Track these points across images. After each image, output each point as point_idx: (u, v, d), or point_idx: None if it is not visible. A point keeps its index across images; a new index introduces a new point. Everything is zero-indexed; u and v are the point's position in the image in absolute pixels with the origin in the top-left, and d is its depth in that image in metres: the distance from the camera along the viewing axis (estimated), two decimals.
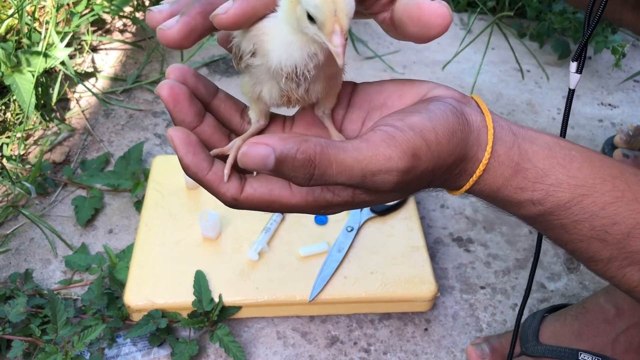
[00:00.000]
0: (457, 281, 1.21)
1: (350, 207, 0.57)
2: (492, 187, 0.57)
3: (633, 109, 1.64)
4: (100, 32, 1.76)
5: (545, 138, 0.59)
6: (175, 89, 0.53)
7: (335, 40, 0.44)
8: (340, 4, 0.43)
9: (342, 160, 0.49)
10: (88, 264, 1.18)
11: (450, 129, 0.53)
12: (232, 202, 0.54)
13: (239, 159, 0.49)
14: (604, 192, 0.57)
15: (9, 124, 1.43)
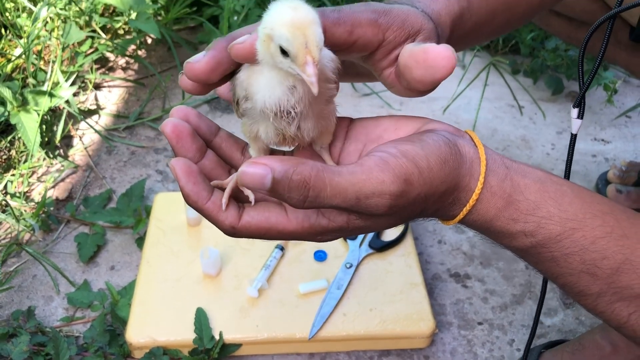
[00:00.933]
0: (455, 317, 1.22)
1: (345, 233, 0.58)
2: (485, 217, 0.59)
3: (626, 144, 1.68)
4: (103, 69, 1.80)
5: (537, 173, 0.61)
6: (178, 126, 0.56)
7: (308, 70, 0.46)
8: (311, 37, 0.46)
9: (337, 183, 0.51)
10: (90, 301, 1.19)
11: (442, 158, 0.55)
12: (230, 230, 0.56)
13: (239, 178, 0.51)
14: (594, 227, 0.59)
15: (13, 162, 1.46)
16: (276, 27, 0.47)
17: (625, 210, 0.62)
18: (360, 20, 0.56)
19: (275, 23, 0.47)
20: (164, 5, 1.89)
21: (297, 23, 0.46)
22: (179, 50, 1.86)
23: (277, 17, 0.47)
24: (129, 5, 1.66)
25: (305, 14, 0.47)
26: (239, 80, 0.54)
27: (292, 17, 0.46)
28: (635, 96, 1.82)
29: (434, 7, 0.67)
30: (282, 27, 0.47)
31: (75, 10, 1.72)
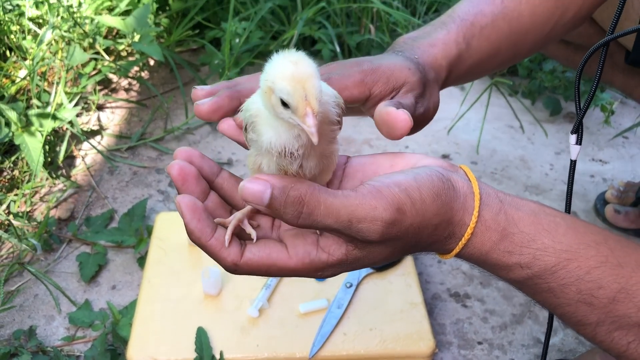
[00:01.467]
0: (455, 337, 1.22)
1: (344, 266, 0.59)
2: (481, 250, 0.60)
3: (623, 164, 1.69)
4: (106, 91, 1.83)
5: (531, 205, 0.62)
6: (184, 168, 0.59)
7: (309, 121, 0.49)
8: (310, 90, 0.49)
9: (331, 203, 0.53)
10: (91, 321, 1.20)
11: (434, 191, 0.57)
12: (232, 267, 0.57)
13: (240, 192, 0.53)
14: (589, 257, 0.60)
15: (16, 181, 1.47)
16: (277, 81, 0.49)
17: (619, 240, 0.63)
18: (347, 84, 0.66)
19: (276, 77, 0.49)
20: (167, 28, 1.93)
21: (297, 77, 0.49)
22: (181, 71, 1.88)
23: (278, 71, 0.50)
24: (132, 27, 1.69)
25: (305, 68, 0.49)
26: (249, 113, 0.57)
27: (292, 72, 0.49)
28: (632, 117, 1.84)
29: (431, 52, 0.76)
30: (283, 80, 0.49)
31: (79, 33, 1.75)
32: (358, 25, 2.06)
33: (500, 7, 0.83)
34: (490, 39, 0.82)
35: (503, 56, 0.86)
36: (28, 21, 1.73)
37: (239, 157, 1.64)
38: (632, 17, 1.11)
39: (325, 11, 1.96)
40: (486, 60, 0.83)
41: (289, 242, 0.58)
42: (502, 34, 0.83)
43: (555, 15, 0.87)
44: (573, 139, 0.79)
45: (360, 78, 0.67)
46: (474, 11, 0.81)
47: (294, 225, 0.55)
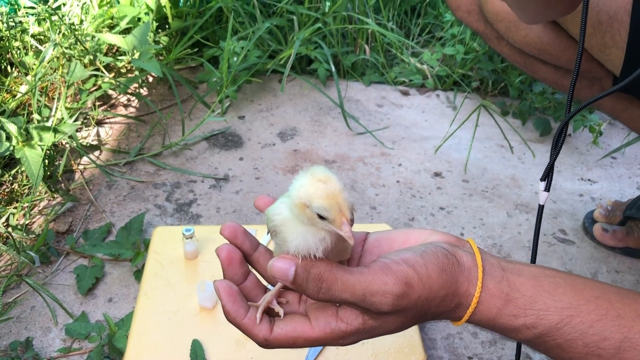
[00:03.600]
0: (446, 352, 1.25)
1: (362, 335, 0.65)
2: (488, 316, 0.66)
3: (611, 184, 1.73)
4: (105, 106, 1.86)
5: (532, 270, 0.68)
6: (231, 252, 0.67)
7: (345, 229, 0.57)
8: (343, 203, 0.57)
9: (347, 279, 0.60)
10: (88, 332, 1.21)
11: (440, 266, 0.63)
12: (264, 342, 0.65)
13: (269, 269, 0.61)
14: (590, 312, 0.65)
15: (15, 194, 1.50)
16: (313, 200, 0.57)
17: (617, 291, 0.68)
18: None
19: (311, 196, 0.57)
20: (166, 46, 1.96)
21: (331, 194, 0.57)
22: (179, 88, 1.92)
23: (312, 191, 0.57)
24: (133, 45, 1.72)
25: (334, 185, 0.57)
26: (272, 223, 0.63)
27: (325, 190, 0.57)
28: (620, 138, 1.88)
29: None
30: (319, 199, 0.57)
31: (80, 50, 1.78)
32: (353, 45, 2.11)
33: None
34: None
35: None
36: (30, 38, 1.76)
37: (235, 173, 1.67)
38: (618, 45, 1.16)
39: (321, 32, 2.01)
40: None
41: (311, 315, 0.65)
42: None
43: None
44: (542, 186, 0.83)
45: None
46: None
47: (315, 299, 0.62)
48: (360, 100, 2.00)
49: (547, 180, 0.84)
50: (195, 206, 1.56)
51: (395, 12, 2.22)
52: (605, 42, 1.15)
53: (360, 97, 2.01)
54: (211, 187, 1.62)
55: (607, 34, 1.14)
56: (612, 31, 1.14)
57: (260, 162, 1.71)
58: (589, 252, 1.50)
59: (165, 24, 2.02)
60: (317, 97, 1.98)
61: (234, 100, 1.90)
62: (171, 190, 1.60)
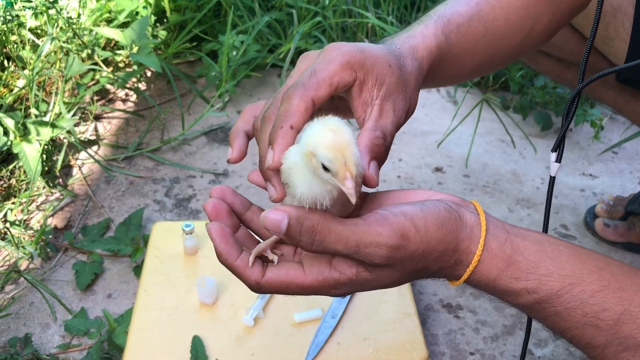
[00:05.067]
0: (448, 347, 1.24)
1: (355, 286, 0.63)
2: (488, 277, 0.64)
3: (613, 179, 1.72)
4: (103, 101, 1.84)
5: (536, 235, 0.67)
6: (217, 205, 0.66)
7: (348, 184, 0.54)
8: (349, 157, 0.54)
9: (340, 231, 0.58)
10: (87, 329, 1.20)
11: (440, 220, 0.61)
12: (255, 285, 0.63)
13: (261, 220, 0.59)
14: (592, 281, 0.64)
15: (13, 190, 1.48)
16: (319, 148, 0.54)
17: (620, 265, 0.67)
18: (335, 70, 0.66)
19: (318, 144, 0.54)
20: (165, 40, 1.95)
21: (338, 145, 0.53)
22: (178, 83, 1.90)
23: (319, 138, 0.54)
24: (131, 39, 1.71)
25: (343, 137, 0.54)
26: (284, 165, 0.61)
27: (332, 140, 0.54)
28: (621, 132, 1.87)
29: (411, 43, 0.77)
30: (324, 148, 0.54)
31: (78, 44, 1.76)
32: (353, 39, 2.09)
33: (475, 9, 0.86)
34: (467, 37, 0.84)
35: (480, 57, 0.89)
36: (27, 32, 1.75)
37: (234, 168, 1.66)
38: (621, 36, 1.15)
39: (321, 25, 1.99)
40: (464, 58, 0.85)
41: (305, 263, 0.64)
42: (479, 34, 0.86)
43: (527, 24, 0.91)
44: (553, 157, 0.83)
45: (345, 60, 0.66)
46: (450, 11, 0.84)
47: (308, 251, 0.60)
48: None
49: (558, 151, 0.82)
50: (195, 201, 1.55)
51: (395, 6, 2.20)
52: (608, 33, 1.15)
53: None
54: (210, 183, 1.61)
55: (610, 26, 1.13)
56: (615, 23, 1.13)
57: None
58: (590, 247, 1.49)
59: (164, 17, 2.01)
60: None
61: (233, 95, 1.89)
62: (170, 186, 1.59)
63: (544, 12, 0.91)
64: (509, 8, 0.88)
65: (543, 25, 0.92)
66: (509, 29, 0.89)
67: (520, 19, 0.89)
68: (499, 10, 0.88)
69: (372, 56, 0.68)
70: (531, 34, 0.91)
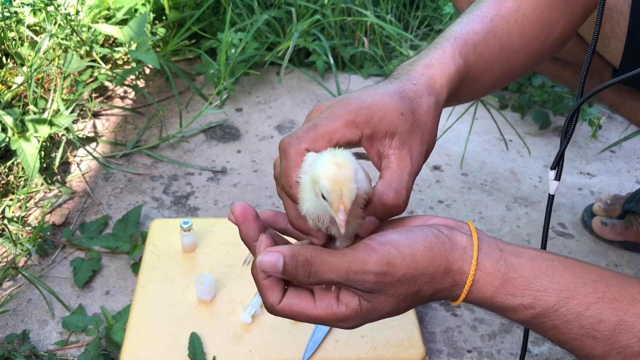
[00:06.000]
0: (445, 345, 1.24)
1: (361, 317, 0.65)
2: (485, 295, 0.65)
3: (610, 178, 1.73)
4: (102, 98, 1.84)
5: (530, 252, 0.68)
6: (245, 209, 0.69)
7: (340, 216, 0.58)
8: (346, 192, 0.58)
9: (331, 261, 0.62)
10: (85, 325, 1.20)
11: (426, 245, 0.64)
12: (270, 307, 0.67)
13: (258, 265, 0.63)
14: (586, 294, 0.65)
15: (11, 186, 1.48)
16: (321, 179, 0.58)
17: (615, 276, 0.68)
18: (337, 126, 0.66)
19: (320, 175, 0.58)
20: (163, 37, 1.95)
21: (337, 179, 0.57)
22: (177, 80, 1.90)
23: (323, 170, 0.58)
24: (130, 36, 1.71)
25: (345, 172, 0.58)
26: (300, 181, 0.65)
27: (334, 174, 0.58)
28: (619, 132, 1.88)
29: (429, 74, 0.75)
30: (325, 180, 0.58)
31: (76, 41, 1.76)
32: (352, 37, 2.09)
33: (490, 25, 0.86)
34: (484, 56, 0.84)
35: (497, 73, 0.88)
36: (26, 28, 1.75)
37: (233, 166, 1.66)
38: (617, 36, 1.15)
39: (319, 24, 1.99)
40: (482, 77, 0.85)
41: (317, 295, 0.66)
42: (495, 51, 0.86)
43: (542, 36, 0.90)
44: (552, 175, 0.83)
45: (350, 119, 0.67)
46: (465, 30, 0.84)
47: (306, 284, 0.64)
48: None
49: (557, 169, 0.83)
50: (193, 199, 1.55)
51: (394, 5, 2.20)
52: (604, 33, 1.15)
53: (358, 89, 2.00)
54: (209, 180, 1.61)
55: (606, 25, 1.13)
56: (611, 22, 1.13)
57: (258, 155, 1.70)
58: (588, 246, 1.50)
59: (163, 15, 2.01)
60: (315, 90, 1.97)
61: (232, 93, 1.89)
62: (168, 183, 1.59)
63: (558, 21, 0.90)
64: (523, 21, 0.88)
65: (558, 33, 0.92)
66: (525, 42, 0.89)
67: (535, 31, 0.89)
68: (514, 24, 0.87)
69: (381, 110, 0.67)
70: (546, 43, 0.91)
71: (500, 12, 0.86)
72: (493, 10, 0.87)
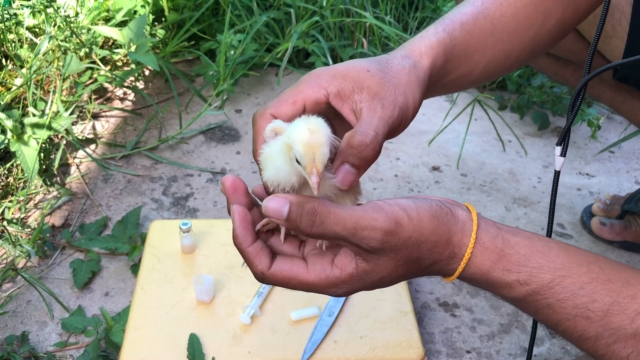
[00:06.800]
0: (444, 345, 1.24)
1: (355, 282, 0.65)
2: (481, 269, 0.66)
3: (609, 178, 1.73)
4: (101, 99, 1.84)
5: (526, 232, 0.69)
6: (236, 181, 0.68)
7: (313, 178, 0.60)
8: (319, 155, 0.60)
9: (339, 213, 0.62)
10: (84, 327, 1.21)
11: (432, 212, 0.64)
12: (260, 275, 0.66)
13: (263, 208, 0.62)
14: (581, 274, 0.66)
15: (11, 188, 1.48)
16: (295, 144, 0.60)
17: (609, 261, 0.69)
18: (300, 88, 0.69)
19: (295, 140, 0.61)
20: (163, 39, 1.95)
21: (311, 144, 0.60)
22: (176, 82, 1.91)
23: (297, 135, 0.61)
24: (129, 38, 1.71)
25: (318, 137, 0.60)
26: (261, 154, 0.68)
27: (308, 139, 0.60)
28: (618, 132, 1.88)
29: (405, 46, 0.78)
30: (299, 145, 0.60)
31: (75, 42, 1.77)
32: (351, 39, 2.10)
33: (480, 7, 0.86)
34: (473, 34, 0.84)
35: (492, 53, 0.88)
36: (25, 30, 1.75)
37: (232, 167, 1.66)
38: (619, 34, 1.15)
39: (318, 25, 1.99)
40: (474, 55, 0.85)
41: (309, 260, 0.66)
42: (486, 31, 0.86)
43: (538, 20, 0.90)
44: (558, 151, 0.83)
45: (313, 80, 0.70)
46: (452, 13, 0.85)
47: (309, 234, 0.62)
48: None
49: (563, 145, 0.83)
50: (192, 200, 1.55)
51: (393, 6, 2.20)
52: (605, 31, 1.15)
53: None
54: (208, 181, 1.61)
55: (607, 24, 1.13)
56: (612, 21, 1.13)
57: None
58: (587, 246, 1.50)
59: (162, 16, 2.01)
60: None
61: (231, 94, 1.89)
62: (168, 184, 1.59)
63: (555, 8, 0.90)
64: (517, 4, 0.88)
65: (555, 20, 0.91)
66: (518, 25, 0.89)
67: (530, 15, 0.89)
68: (507, 7, 0.87)
69: (345, 68, 0.71)
70: (542, 29, 0.91)
71: None
72: None
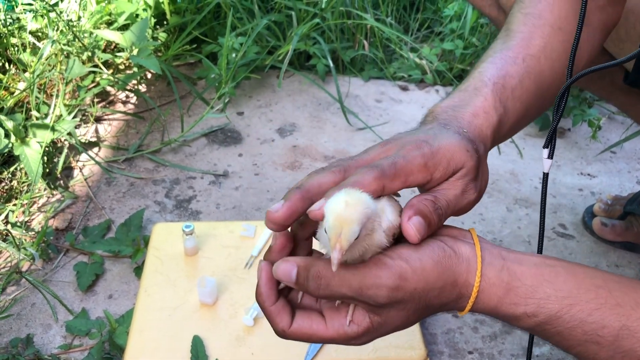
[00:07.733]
0: (446, 346, 1.25)
1: (373, 333, 0.67)
2: (489, 305, 0.67)
3: (611, 178, 1.73)
4: (104, 103, 1.85)
5: (532, 259, 0.69)
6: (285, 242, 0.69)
7: (334, 254, 0.58)
8: (346, 233, 0.57)
9: (343, 275, 0.63)
10: (88, 329, 1.21)
11: (434, 259, 0.65)
12: (281, 332, 0.68)
13: (274, 272, 0.65)
14: (589, 300, 0.66)
15: (14, 192, 1.49)
16: (327, 213, 0.59)
17: (619, 281, 0.69)
18: (412, 170, 0.67)
19: (328, 209, 0.59)
20: (165, 42, 1.96)
21: (341, 218, 0.57)
22: (178, 85, 1.92)
23: (332, 205, 0.59)
24: (131, 41, 1.72)
25: (351, 213, 0.58)
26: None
27: (340, 213, 0.58)
28: (619, 132, 1.88)
29: (476, 123, 0.76)
30: (330, 215, 0.58)
31: (78, 46, 1.78)
32: (352, 40, 2.10)
33: (523, 66, 0.85)
34: (522, 99, 0.83)
35: (532, 112, 0.88)
36: (28, 34, 1.76)
37: (234, 169, 1.67)
38: (632, 39, 1.14)
39: (319, 27, 2.00)
40: (520, 120, 0.85)
41: (327, 315, 0.67)
42: (530, 92, 0.85)
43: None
44: (545, 153, 0.83)
45: (423, 162, 0.68)
46: (502, 74, 0.83)
47: (316, 296, 0.65)
48: (359, 95, 1.99)
49: (550, 147, 0.83)
50: (195, 202, 1.56)
51: (394, 7, 2.21)
52: (619, 35, 1.14)
53: (359, 92, 2.01)
54: (210, 184, 1.62)
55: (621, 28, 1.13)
56: (626, 25, 1.12)
57: (259, 158, 1.71)
58: (588, 247, 1.50)
59: (164, 20, 2.02)
60: (316, 93, 1.97)
61: (233, 97, 1.90)
62: (170, 187, 1.60)
63: (584, 49, 0.90)
64: (552, 56, 0.87)
65: (584, 60, 0.91)
66: (555, 77, 0.88)
67: (564, 63, 0.87)
68: (544, 61, 0.86)
69: (449, 151, 0.69)
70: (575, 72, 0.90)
71: (530, 52, 0.85)
72: (523, 49, 0.85)
